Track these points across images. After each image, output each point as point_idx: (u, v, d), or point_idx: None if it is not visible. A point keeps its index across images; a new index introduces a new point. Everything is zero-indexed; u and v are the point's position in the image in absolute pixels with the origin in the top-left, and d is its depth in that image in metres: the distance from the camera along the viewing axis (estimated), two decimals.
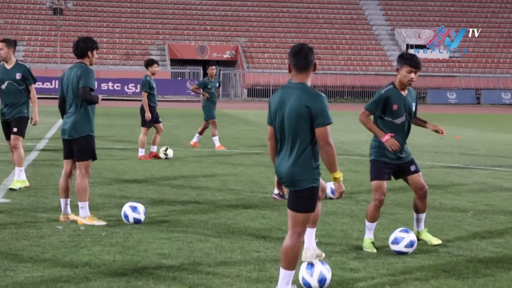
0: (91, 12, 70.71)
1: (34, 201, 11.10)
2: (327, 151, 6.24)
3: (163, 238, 8.79)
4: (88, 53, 9.79)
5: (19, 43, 65.11)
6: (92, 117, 9.78)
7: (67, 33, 66.26)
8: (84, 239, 8.62)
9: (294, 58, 6.41)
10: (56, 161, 16.12)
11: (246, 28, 70.45)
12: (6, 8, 69.44)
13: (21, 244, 8.30)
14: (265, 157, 18.49)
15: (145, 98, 17.23)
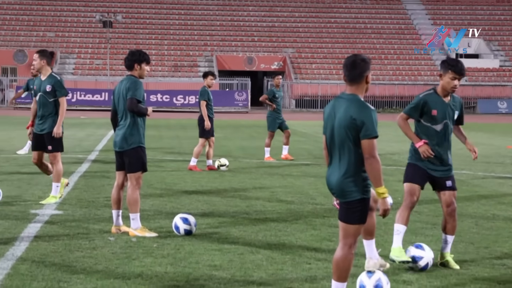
0: (140, 24, 71.37)
1: (86, 213, 11.20)
2: (371, 164, 6.18)
3: (214, 249, 8.80)
4: (135, 65, 9.87)
5: (70, 56, 66.02)
6: (142, 129, 9.84)
7: (117, 45, 66.94)
8: (136, 251, 8.67)
9: (345, 69, 6.41)
10: (107, 172, 16.26)
11: (293, 39, 70.45)
12: (57, 22, 70.43)
13: (74, 255, 8.38)
14: (314, 168, 18.44)
15: (204, 107, 17.32)
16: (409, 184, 8.32)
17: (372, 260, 7.58)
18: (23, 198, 12.55)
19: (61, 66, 64.58)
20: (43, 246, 8.81)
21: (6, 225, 10.01)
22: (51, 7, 72.31)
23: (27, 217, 10.71)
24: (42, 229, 9.82)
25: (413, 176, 8.35)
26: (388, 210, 6.31)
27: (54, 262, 8.05)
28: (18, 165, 17.71)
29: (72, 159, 19.35)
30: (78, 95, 56.53)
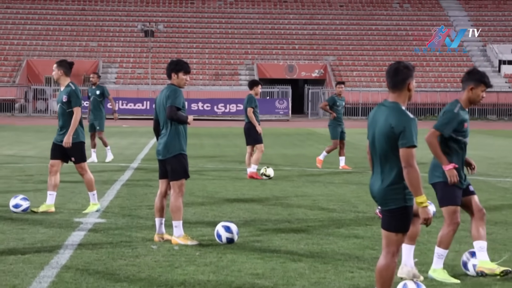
0: (181, 33, 71.78)
1: (129, 221, 11.27)
2: (409, 173, 6.12)
3: (256, 257, 8.80)
4: (172, 75, 9.93)
5: (112, 65, 66.60)
6: (183, 137, 9.87)
7: (158, 54, 67.38)
8: (178, 259, 8.69)
9: (387, 75, 6.39)
10: (149, 181, 16.35)
11: (334, 47, 70.32)
12: (100, 32, 71.14)
13: (117, 263, 8.43)
14: (356, 176, 18.36)
15: (251, 114, 17.42)
16: (453, 207, 8.00)
17: (406, 267, 7.52)
18: (67, 206, 12.67)
19: (103, 76, 65.16)
20: (87, 254, 8.88)
21: (51, 234, 10.11)
22: (93, 17, 73.06)
23: (70, 225, 10.81)
24: (86, 237, 9.91)
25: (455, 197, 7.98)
26: (429, 219, 6.24)
27: (97, 270, 8.11)
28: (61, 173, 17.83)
29: (115, 167, 19.50)
30: (120, 104, 56.90)
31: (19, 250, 9.02)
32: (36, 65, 65.26)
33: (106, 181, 16.26)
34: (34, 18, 72.04)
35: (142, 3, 75.94)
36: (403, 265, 7.49)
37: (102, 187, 15.22)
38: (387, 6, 77.41)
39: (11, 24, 70.93)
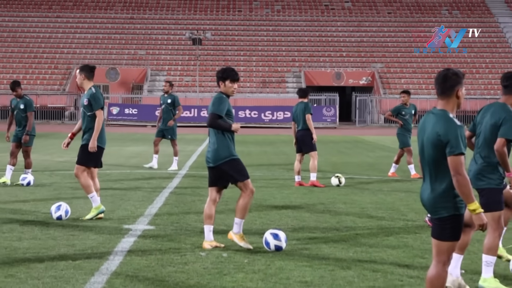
0: (228, 41, 72.05)
1: (178, 228, 11.32)
2: (458, 181, 6.06)
3: (304, 265, 8.78)
4: (219, 83, 9.99)
5: (160, 73, 67.10)
6: (230, 143, 9.89)
7: (206, 62, 67.71)
8: (227, 266, 8.71)
9: (436, 82, 6.36)
10: (197, 188, 16.42)
11: (382, 54, 69.97)
12: (148, 40, 71.73)
13: (167, 270, 8.48)
14: (404, 183, 18.23)
15: (311, 121, 17.49)
16: (500, 212, 7.96)
17: (451, 276, 7.43)
18: (116, 213, 12.77)
19: (151, 83, 65.70)
20: (136, 260, 8.94)
21: (101, 240, 10.20)
22: (142, 25, 73.72)
23: (120, 232, 10.89)
24: (135, 244, 9.97)
25: (501, 203, 7.99)
26: (484, 225, 6.18)
27: (147, 277, 8.16)
28: (110, 180, 18.05)
29: (163, 174, 19.63)
30: None
31: (70, 256, 9.12)
32: None
33: (155, 188, 16.37)
34: (83, 26, 72.93)
35: (190, 11, 76.46)
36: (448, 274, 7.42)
37: (150, 194, 15.34)
38: (435, 12, 76.83)
39: (61, 33, 71.89)
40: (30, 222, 11.61)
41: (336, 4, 78.14)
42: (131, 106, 59.27)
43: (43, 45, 69.93)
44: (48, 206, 12.92)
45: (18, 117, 16.99)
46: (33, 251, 9.36)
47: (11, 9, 74.95)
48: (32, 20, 73.23)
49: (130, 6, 76.61)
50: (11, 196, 14.92)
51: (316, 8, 77.52)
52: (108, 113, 57.80)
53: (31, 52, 68.83)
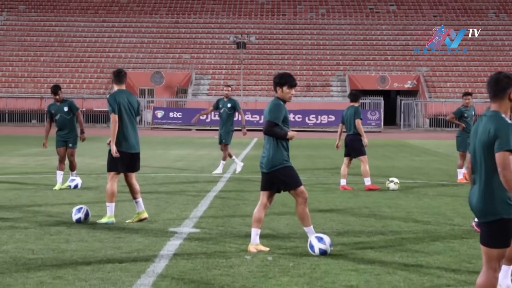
0: (272, 45, 72.10)
1: (222, 231, 11.35)
2: (505, 176, 5.96)
3: (350, 269, 8.74)
4: (276, 88, 9.94)
5: (204, 77, 67.38)
6: (284, 150, 9.83)
7: (250, 66, 67.85)
8: (272, 269, 8.70)
9: (488, 85, 6.33)
10: (242, 191, 16.45)
11: (428, 57, 69.44)
12: (193, 44, 72.09)
13: (212, 273, 8.50)
14: (450, 188, 18.06)
15: (360, 125, 17.47)
16: None
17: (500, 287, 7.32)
18: (161, 216, 12.85)
19: (196, 87, 66.00)
20: (182, 263, 8.98)
21: (146, 243, 10.27)
22: (186, 29, 74.13)
23: (165, 234, 10.95)
24: (181, 247, 10.02)
25: None
26: None
27: (192, 280, 8.19)
28: (155, 183, 18.16)
29: (208, 178, 19.70)
30: (212, 115, 57.51)
31: (117, 258, 9.19)
32: (130, 77, 66.54)
33: (200, 192, 16.43)
34: (129, 31, 73.56)
35: (234, 15, 76.69)
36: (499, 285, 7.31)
37: (195, 197, 15.41)
38: (482, 16, 76.08)
39: (107, 37, 72.60)
40: (77, 225, 11.73)
41: (381, 7, 77.79)
42: (176, 109, 59.61)
43: (89, 50, 70.66)
44: (94, 209, 13.05)
45: (61, 121, 17.05)
46: (80, 253, 9.45)
47: (58, 14, 75.89)
48: (78, 25, 74.06)
49: (175, 10, 77.09)
50: (58, 198, 15.09)
51: (361, 11, 77.24)
52: (153, 116, 58.19)
53: (77, 57, 69.60)
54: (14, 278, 8.10)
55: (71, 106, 17.12)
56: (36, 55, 69.87)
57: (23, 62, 69.00)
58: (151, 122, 58.56)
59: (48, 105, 17.36)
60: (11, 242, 10.16)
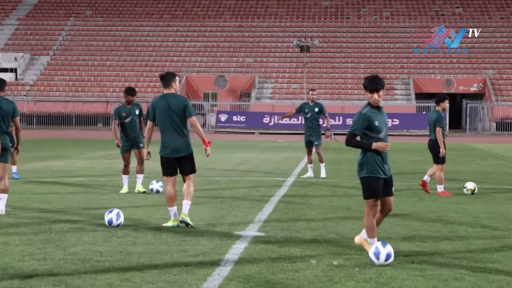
0: (336, 48, 71.89)
1: (287, 235, 11.34)
2: None
3: (416, 275, 8.64)
4: (367, 93, 9.61)
5: (268, 81, 67.52)
6: (376, 159, 9.53)
7: (313, 69, 67.75)
8: (338, 274, 8.66)
9: None
10: (306, 196, 16.44)
11: (494, 60, 68.43)
12: (256, 48, 72.32)
13: (277, 277, 8.49)
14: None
15: (440, 134, 17.21)
16: None
17: None
18: (226, 219, 12.90)
19: (259, 91, 66.16)
20: (247, 267, 9.00)
21: (212, 246, 10.32)
22: (250, 33, 74.39)
23: (231, 238, 10.99)
24: (246, 250, 10.04)
25: None
26: None
27: (258, 283, 8.20)
28: (220, 188, 18.25)
29: (272, 182, 19.72)
30: (275, 119, 57.64)
31: (183, 261, 9.26)
32: (194, 81, 67.12)
33: (264, 195, 16.46)
34: (193, 35, 74.15)
35: (298, 18, 76.68)
36: None
37: (260, 201, 15.44)
38: None
39: (171, 41, 73.30)
40: (143, 227, 11.86)
41: (446, 9, 76.94)
42: (239, 113, 59.86)
43: (154, 54, 71.45)
44: (160, 212, 13.18)
45: (133, 124, 16.96)
46: (147, 256, 9.55)
47: (124, 19, 76.90)
48: (143, 30, 74.92)
49: (238, 14, 77.43)
50: (124, 201, 15.27)
51: (426, 14, 76.51)
52: (216, 120, 58.54)
53: (142, 61, 70.43)
54: (83, 279, 8.22)
55: (141, 110, 17.22)
56: (102, 59, 70.91)
57: (90, 67, 70.10)
58: (214, 125, 58.93)
59: (117, 108, 17.20)
60: (79, 244, 10.31)
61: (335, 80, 67.26)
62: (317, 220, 12.87)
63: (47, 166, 23.08)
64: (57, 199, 15.49)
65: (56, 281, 8.11)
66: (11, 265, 8.76)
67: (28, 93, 66.22)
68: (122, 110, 17.08)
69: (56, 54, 72.75)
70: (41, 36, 75.07)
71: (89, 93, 66.14)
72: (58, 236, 10.95)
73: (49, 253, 9.64)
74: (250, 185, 18.94)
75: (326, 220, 12.98)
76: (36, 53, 72.52)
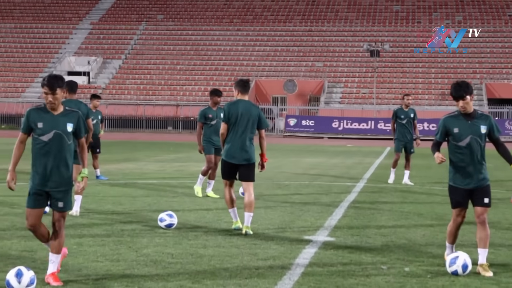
0: (407, 53, 71.24)
1: (358, 240, 11.28)
2: None
3: (491, 283, 8.51)
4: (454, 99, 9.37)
5: (337, 85, 67.27)
6: (456, 168, 9.26)
7: (383, 74, 67.29)
8: (409, 281, 8.56)
9: None
10: (376, 201, 16.33)
11: None
12: (326, 52, 72.14)
13: (348, 282, 8.45)
14: None
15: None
16: None
17: None
18: (296, 224, 12.89)
19: (328, 95, 65.98)
20: (318, 271, 8.98)
21: (282, 250, 10.32)
22: (319, 37, 74.25)
23: (301, 242, 10.98)
24: (316, 255, 10.01)
25: None
26: None
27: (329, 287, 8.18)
28: (289, 192, 18.25)
29: (341, 187, 19.64)
30: (344, 123, 57.44)
31: (253, 265, 9.28)
32: (264, 85, 67.30)
33: (334, 200, 16.40)
34: (263, 39, 74.36)
35: (368, 23, 76.23)
36: None
37: (329, 206, 15.40)
38: None
39: (241, 45, 73.63)
40: (214, 230, 11.93)
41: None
42: (308, 118, 59.82)
43: (224, 58, 71.88)
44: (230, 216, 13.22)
45: (217, 126, 16.63)
46: (218, 259, 9.60)
47: (194, 23, 77.56)
48: (213, 34, 75.44)
49: (308, 18, 77.37)
50: (195, 204, 15.39)
51: (499, 18, 75.28)
52: (285, 124, 58.59)
53: (212, 65, 70.92)
54: (155, 281, 8.31)
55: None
56: (173, 63, 71.64)
57: (160, 70, 70.89)
58: (283, 129, 58.97)
59: (204, 110, 16.77)
60: (151, 246, 10.43)
61: (405, 85, 66.63)
62: (388, 226, 12.77)
63: (119, 168, 23.40)
64: (128, 201, 15.69)
65: (129, 282, 8.22)
66: (85, 265, 8.90)
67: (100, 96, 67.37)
68: (208, 112, 16.69)
69: (127, 58, 73.79)
70: (113, 40, 76.25)
71: (160, 96, 66.87)
72: (130, 238, 11.09)
73: (121, 254, 9.77)
74: (320, 189, 18.89)
75: (396, 226, 12.87)
76: (108, 57, 73.69)
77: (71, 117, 8.16)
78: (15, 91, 68.57)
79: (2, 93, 67.99)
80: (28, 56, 74.44)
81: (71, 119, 8.14)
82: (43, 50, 75.37)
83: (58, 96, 8.03)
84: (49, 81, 8.01)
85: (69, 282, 8.17)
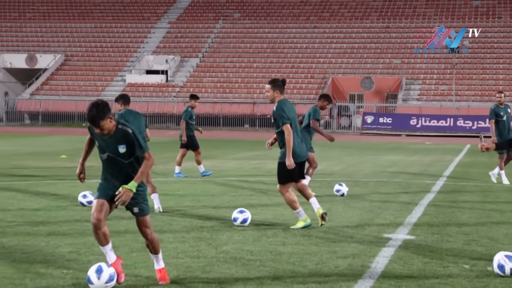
0: (487, 49, 69.94)
1: (438, 239, 11.12)
2: None
3: None
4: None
5: (415, 82, 66.50)
6: None
7: (462, 71, 66.21)
8: (493, 281, 8.34)
9: None
10: (456, 199, 16.10)
11: None
12: (403, 49, 71.34)
13: (430, 281, 8.33)
14: None
15: None
16: None
17: None
18: (375, 221, 12.79)
19: (406, 92, 65.25)
20: (398, 270, 8.89)
21: (361, 248, 10.26)
22: (397, 34, 73.48)
23: (380, 240, 10.89)
24: (396, 253, 9.92)
25: None
26: None
27: (410, 286, 8.08)
28: (368, 189, 18.12)
29: (420, 184, 19.40)
30: (422, 121, 56.73)
31: (333, 262, 9.24)
32: (340, 82, 66.96)
33: (413, 198, 16.22)
34: (339, 36, 73.97)
35: (447, 19, 75.07)
36: None
37: (409, 203, 15.23)
38: None
39: (318, 43, 73.40)
40: (292, 228, 11.92)
41: None
42: (386, 115, 59.29)
43: (300, 55, 71.76)
44: (308, 213, 13.19)
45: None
46: (297, 256, 9.59)
47: (271, 21, 77.62)
48: (290, 31, 75.39)
49: (386, 15, 76.63)
50: (273, 201, 15.39)
51: None
52: (362, 121, 58.23)
53: (288, 62, 70.89)
54: (235, 278, 8.35)
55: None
56: (250, 61, 71.86)
57: (237, 68, 71.20)
58: (360, 127, 58.61)
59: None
60: (230, 243, 10.48)
61: (486, 82, 65.45)
62: (469, 225, 12.56)
63: (197, 166, 23.61)
64: (207, 198, 15.81)
65: (209, 279, 8.28)
66: (166, 261, 8.99)
67: (178, 94, 67.93)
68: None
69: (205, 56, 74.34)
70: (191, 39, 76.92)
71: (236, 94, 67.17)
72: (210, 235, 11.18)
73: (201, 251, 9.85)
74: (398, 187, 18.69)
75: (478, 224, 12.65)
76: (186, 55, 74.35)
77: (122, 138, 7.87)
78: (96, 89, 69.75)
79: (83, 91, 69.28)
80: (107, 55, 75.67)
81: (121, 140, 7.87)
82: (122, 49, 76.51)
83: (105, 126, 7.78)
84: (90, 119, 7.72)
85: (151, 278, 8.28)
